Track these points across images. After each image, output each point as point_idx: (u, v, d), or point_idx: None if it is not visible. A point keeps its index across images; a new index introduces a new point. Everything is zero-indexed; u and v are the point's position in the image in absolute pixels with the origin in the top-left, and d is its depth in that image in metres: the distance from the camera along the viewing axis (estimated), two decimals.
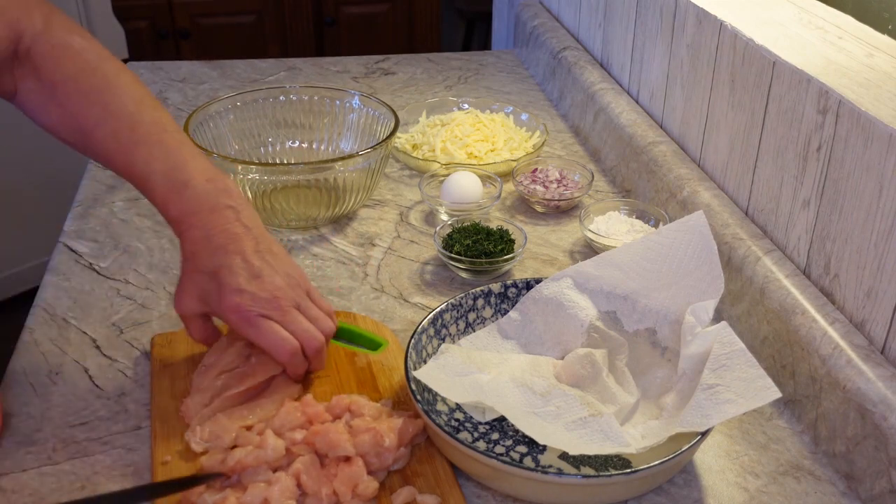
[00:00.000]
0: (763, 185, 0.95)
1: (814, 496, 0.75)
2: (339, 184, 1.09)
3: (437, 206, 1.15)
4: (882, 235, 0.75)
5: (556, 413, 0.78)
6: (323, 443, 0.73)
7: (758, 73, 0.94)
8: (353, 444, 0.73)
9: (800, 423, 0.83)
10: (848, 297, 0.81)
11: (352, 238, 1.12)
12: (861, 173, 0.78)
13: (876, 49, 0.88)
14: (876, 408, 0.71)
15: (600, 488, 0.71)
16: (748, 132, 0.97)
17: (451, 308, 0.88)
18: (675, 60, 1.15)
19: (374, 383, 0.85)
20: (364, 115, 1.22)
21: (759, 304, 0.88)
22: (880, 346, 0.77)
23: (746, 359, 0.74)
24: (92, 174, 1.26)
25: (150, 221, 1.14)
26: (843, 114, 0.79)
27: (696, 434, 0.72)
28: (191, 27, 2.96)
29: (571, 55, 1.48)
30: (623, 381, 0.83)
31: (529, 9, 1.75)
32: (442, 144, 1.27)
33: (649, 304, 0.85)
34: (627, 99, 1.30)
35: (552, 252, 1.10)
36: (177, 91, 1.56)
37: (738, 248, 0.93)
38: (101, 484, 0.74)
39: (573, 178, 1.22)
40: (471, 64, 1.73)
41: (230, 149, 1.20)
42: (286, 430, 0.75)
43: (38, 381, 0.85)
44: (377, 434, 0.73)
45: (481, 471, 0.73)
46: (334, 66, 1.69)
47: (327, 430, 0.74)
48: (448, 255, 1.01)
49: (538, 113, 1.50)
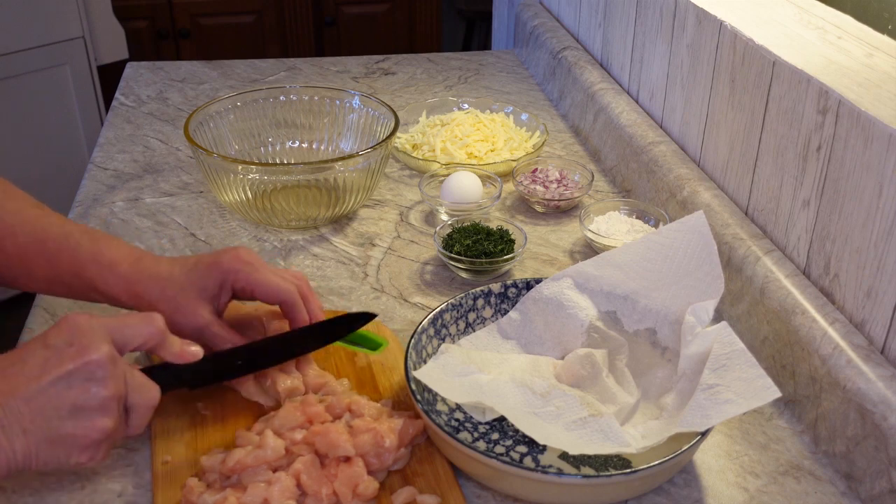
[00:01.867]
0: (763, 185, 0.95)
1: (814, 496, 0.75)
2: (339, 184, 1.09)
3: (437, 206, 1.15)
4: (882, 235, 0.75)
5: (556, 413, 0.78)
6: (323, 443, 0.73)
7: (758, 73, 0.94)
8: (353, 444, 0.73)
9: (800, 423, 0.83)
10: (848, 297, 0.81)
11: (352, 238, 1.12)
12: (861, 173, 0.78)
13: (876, 49, 0.88)
14: (876, 408, 0.71)
15: (600, 488, 0.71)
16: (748, 132, 0.97)
17: (451, 308, 0.88)
18: (675, 60, 1.15)
19: (374, 383, 0.85)
20: (364, 115, 1.22)
21: (759, 304, 0.88)
22: (880, 346, 0.77)
23: (746, 359, 0.74)
24: (92, 174, 1.26)
25: (149, 221, 1.14)
26: (843, 114, 0.79)
27: (696, 434, 0.72)
28: (191, 27, 2.96)
29: (571, 55, 1.48)
30: (623, 381, 0.83)
31: (529, 9, 1.75)
32: (442, 144, 1.27)
33: (649, 304, 0.85)
34: (627, 99, 1.30)
35: (552, 252, 1.10)
36: (177, 91, 1.56)
37: (738, 248, 0.93)
38: (101, 483, 0.74)
39: (573, 178, 1.22)
40: (471, 64, 1.73)
41: (230, 149, 1.20)
42: (286, 430, 0.75)
43: None
44: (377, 434, 0.73)
45: (481, 471, 0.73)
46: (334, 66, 1.69)
47: (327, 430, 0.73)
48: (448, 255, 1.01)
49: (538, 113, 1.50)
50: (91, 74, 2.50)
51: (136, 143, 1.36)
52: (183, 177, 1.26)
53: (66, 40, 2.41)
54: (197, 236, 1.11)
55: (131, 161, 1.30)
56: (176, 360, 0.73)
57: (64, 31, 2.40)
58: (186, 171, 1.27)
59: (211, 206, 1.18)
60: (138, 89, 1.56)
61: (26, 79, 2.35)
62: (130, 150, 1.34)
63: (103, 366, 0.65)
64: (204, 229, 1.13)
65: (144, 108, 1.49)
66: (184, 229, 1.13)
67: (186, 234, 1.12)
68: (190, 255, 0.91)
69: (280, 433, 0.75)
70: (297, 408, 0.77)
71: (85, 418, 0.65)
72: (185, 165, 1.29)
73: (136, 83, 1.59)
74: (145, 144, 1.36)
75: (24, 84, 2.35)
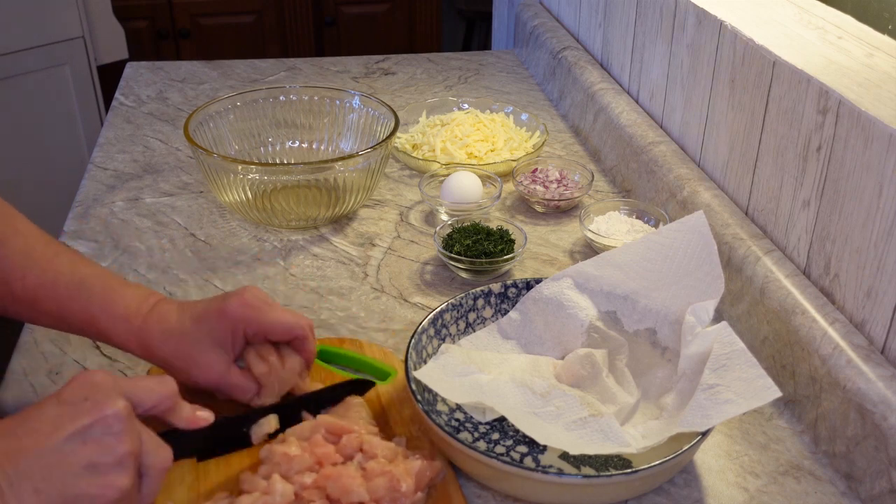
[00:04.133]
0: (763, 185, 0.95)
1: (814, 496, 0.75)
2: (339, 184, 1.09)
3: (437, 206, 1.15)
4: (882, 235, 0.75)
5: (557, 413, 0.78)
6: (335, 487, 0.69)
7: (758, 73, 0.94)
8: (366, 488, 0.69)
9: (800, 423, 0.83)
10: (848, 297, 0.81)
11: (352, 238, 1.12)
12: (861, 173, 0.78)
13: (876, 49, 0.88)
14: (876, 408, 0.71)
15: (601, 488, 0.71)
16: (748, 132, 0.97)
17: (451, 308, 0.88)
18: (675, 60, 1.15)
19: (385, 417, 0.80)
20: (364, 115, 1.22)
21: (759, 304, 0.88)
22: (880, 346, 0.77)
23: (746, 359, 0.74)
24: (92, 174, 1.26)
25: (149, 221, 1.14)
26: (843, 114, 0.79)
27: (696, 434, 0.72)
28: (191, 27, 2.96)
29: (571, 55, 1.48)
30: (623, 381, 0.83)
31: (529, 9, 1.75)
32: (442, 144, 1.27)
33: (649, 304, 0.85)
34: (627, 99, 1.30)
35: (552, 252, 1.10)
36: (177, 91, 1.56)
37: (738, 248, 0.93)
38: None
39: (573, 178, 1.22)
40: (471, 64, 1.73)
41: (230, 149, 1.20)
42: (294, 474, 0.70)
43: (38, 381, 0.85)
44: (393, 478, 0.68)
45: (482, 471, 0.73)
46: (334, 66, 1.69)
47: (339, 473, 0.69)
48: (448, 255, 1.01)
49: (538, 113, 1.50)
50: (91, 74, 2.50)
51: (136, 143, 1.36)
52: (183, 177, 1.26)
53: (66, 40, 2.41)
54: (197, 236, 1.11)
55: (131, 161, 1.30)
56: (186, 426, 0.70)
57: (64, 31, 2.40)
58: (186, 171, 1.27)
59: (211, 206, 1.18)
60: (138, 89, 1.56)
61: (26, 79, 2.35)
62: (130, 150, 1.34)
63: (121, 420, 0.61)
64: (204, 229, 1.13)
65: (144, 108, 1.49)
66: (184, 229, 1.13)
67: (186, 234, 1.12)
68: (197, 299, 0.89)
69: (288, 476, 0.70)
70: (306, 448, 0.72)
71: (101, 475, 0.61)
72: (185, 165, 1.29)
73: (136, 83, 1.59)
74: (145, 144, 1.36)
75: (24, 84, 2.35)
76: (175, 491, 0.73)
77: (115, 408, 0.61)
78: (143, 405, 0.66)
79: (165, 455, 0.65)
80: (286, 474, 0.70)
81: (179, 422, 0.70)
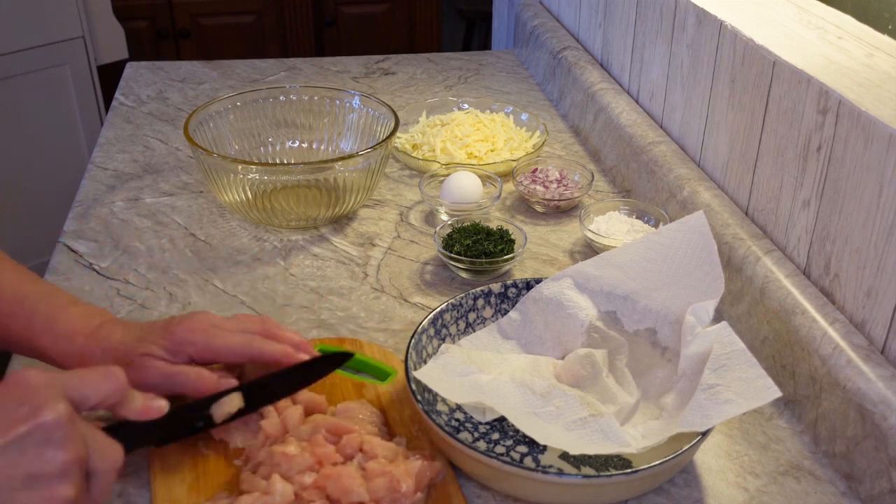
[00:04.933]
0: (763, 185, 0.95)
1: (814, 496, 0.75)
2: (339, 184, 1.09)
3: (437, 206, 1.15)
4: (882, 235, 0.75)
5: (557, 413, 0.78)
6: (335, 487, 0.69)
7: (758, 73, 0.94)
8: (367, 488, 0.69)
9: (800, 423, 0.83)
10: (848, 297, 0.81)
11: (352, 238, 1.12)
12: (861, 173, 0.78)
13: (876, 49, 0.88)
14: (876, 408, 0.71)
15: (601, 488, 0.71)
16: (748, 132, 0.97)
17: (451, 308, 0.88)
18: (675, 60, 1.15)
19: (385, 417, 0.80)
20: (364, 115, 1.22)
21: (759, 304, 0.88)
22: (880, 346, 0.77)
23: (746, 359, 0.74)
24: (92, 174, 1.26)
25: (149, 221, 1.14)
26: (843, 114, 0.79)
27: (696, 434, 0.72)
28: (191, 27, 2.96)
29: (571, 55, 1.48)
30: (623, 381, 0.83)
31: (529, 9, 1.75)
32: (442, 144, 1.27)
33: (649, 304, 0.85)
34: (627, 99, 1.30)
35: (552, 252, 1.10)
36: (177, 91, 1.56)
37: (738, 248, 0.93)
38: None
39: (573, 178, 1.22)
40: (471, 64, 1.73)
41: (230, 149, 1.20)
42: (294, 474, 0.70)
43: None
44: (393, 479, 0.69)
45: (482, 471, 0.73)
46: (334, 66, 1.69)
47: (339, 473, 0.69)
48: (448, 255, 1.01)
49: (538, 113, 1.50)
50: (91, 74, 2.50)
51: (135, 143, 1.36)
52: (183, 177, 1.26)
53: (66, 40, 2.41)
54: (197, 236, 1.11)
55: (131, 161, 1.30)
56: (140, 418, 0.66)
57: (64, 31, 2.40)
58: (186, 171, 1.27)
59: (211, 206, 1.18)
60: (138, 89, 1.56)
61: (26, 79, 2.35)
62: (130, 150, 1.34)
63: (61, 426, 0.56)
64: (204, 229, 1.13)
65: (144, 108, 1.49)
66: (184, 229, 1.13)
67: (186, 234, 1.12)
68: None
69: (288, 476, 0.70)
70: (306, 448, 0.72)
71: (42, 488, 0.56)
72: (185, 165, 1.29)
73: (136, 83, 1.59)
74: (145, 144, 1.36)
75: (24, 84, 2.35)
76: (175, 491, 0.73)
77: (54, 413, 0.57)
78: (88, 402, 0.62)
79: (115, 455, 0.62)
80: (286, 474, 0.70)
81: (131, 414, 0.66)
